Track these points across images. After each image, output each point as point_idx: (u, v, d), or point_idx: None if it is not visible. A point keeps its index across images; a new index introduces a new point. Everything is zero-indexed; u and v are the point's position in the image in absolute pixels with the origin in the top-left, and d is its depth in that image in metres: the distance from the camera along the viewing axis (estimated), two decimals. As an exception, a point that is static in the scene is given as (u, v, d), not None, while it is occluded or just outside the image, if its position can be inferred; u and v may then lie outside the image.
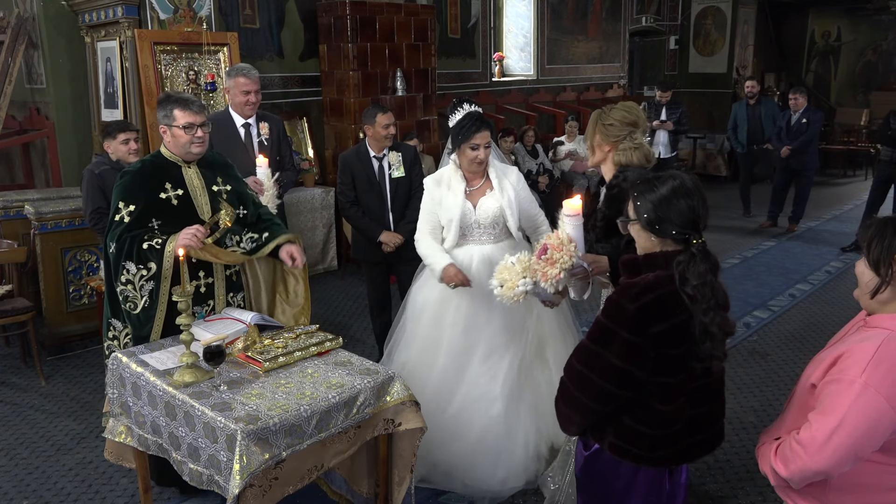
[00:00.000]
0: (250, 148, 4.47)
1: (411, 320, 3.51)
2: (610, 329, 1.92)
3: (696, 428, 2.03)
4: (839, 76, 13.51)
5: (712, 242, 7.11)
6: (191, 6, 5.78)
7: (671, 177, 1.97)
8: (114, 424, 2.85)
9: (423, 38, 7.35)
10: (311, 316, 3.36)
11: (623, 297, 1.92)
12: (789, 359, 4.80)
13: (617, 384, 1.93)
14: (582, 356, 2.00)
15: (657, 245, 1.98)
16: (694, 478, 3.48)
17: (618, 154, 2.83)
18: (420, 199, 4.49)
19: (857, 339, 1.89)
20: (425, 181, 3.48)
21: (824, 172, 11.61)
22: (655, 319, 1.88)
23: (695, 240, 1.91)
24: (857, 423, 1.76)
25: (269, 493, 2.34)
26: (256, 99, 4.43)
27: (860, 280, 1.91)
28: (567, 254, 2.45)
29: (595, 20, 10.80)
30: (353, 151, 4.47)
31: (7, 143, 6.19)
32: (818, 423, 1.82)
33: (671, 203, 1.92)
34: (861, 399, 1.76)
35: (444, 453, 3.28)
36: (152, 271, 2.94)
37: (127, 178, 3.05)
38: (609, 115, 2.88)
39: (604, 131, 2.86)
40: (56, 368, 4.80)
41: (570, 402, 2.04)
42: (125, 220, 2.96)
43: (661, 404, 1.96)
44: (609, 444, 2.05)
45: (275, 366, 2.64)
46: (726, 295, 1.97)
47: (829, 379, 1.86)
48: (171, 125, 3.02)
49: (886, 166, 7.31)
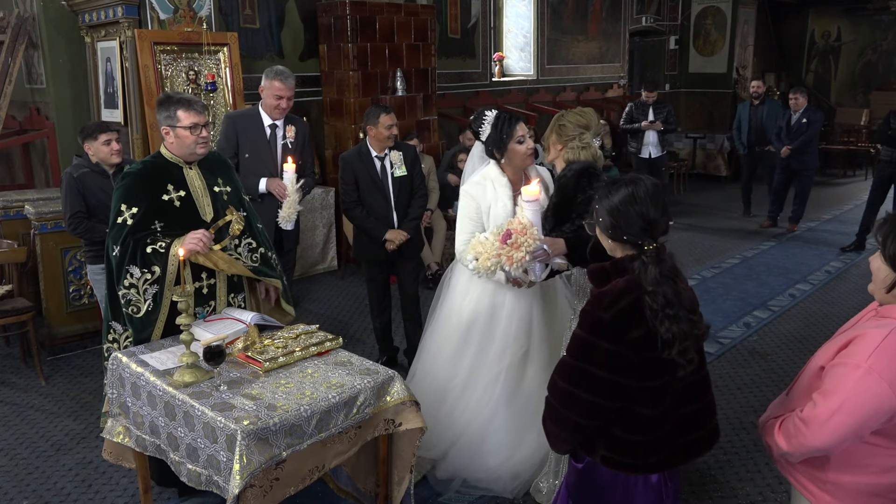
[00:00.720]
0: (274, 148, 4.46)
1: (457, 334, 3.35)
2: (590, 342, 1.91)
3: (686, 427, 2.02)
4: (839, 76, 13.51)
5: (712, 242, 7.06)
6: (191, 6, 5.78)
7: (626, 182, 1.99)
8: (112, 425, 2.85)
9: (423, 38, 7.35)
10: (311, 316, 3.36)
11: (597, 307, 1.91)
12: (789, 359, 4.80)
13: (607, 397, 1.91)
14: (566, 374, 1.97)
15: (618, 248, 2.02)
16: (694, 477, 3.48)
17: (567, 152, 3.05)
18: (421, 196, 4.52)
19: (869, 326, 1.93)
20: (464, 187, 3.28)
21: (824, 172, 11.61)
22: (633, 325, 1.88)
23: (647, 245, 1.92)
24: (858, 406, 1.82)
25: (269, 494, 2.34)
26: (288, 105, 4.42)
27: (876, 275, 1.95)
28: (531, 237, 2.66)
29: (595, 20, 10.80)
30: (354, 152, 4.45)
31: (7, 143, 6.19)
32: (821, 402, 1.89)
33: (622, 209, 1.95)
34: (864, 383, 1.82)
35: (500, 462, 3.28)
36: (156, 275, 2.93)
37: (128, 179, 3.03)
38: (565, 117, 3.10)
39: (558, 131, 3.10)
40: (56, 368, 4.80)
41: (559, 421, 2.01)
42: (128, 223, 2.94)
43: (648, 409, 1.94)
44: (601, 457, 2.02)
45: (275, 366, 2.64)
46: (693, 298, 1.97)
47: (836, 362, 1.92)
48: (175, 126, 3.00)
49: (886, 166, 7.31)
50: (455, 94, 8.75)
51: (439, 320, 3.45)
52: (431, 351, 3.47)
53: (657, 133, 8.39)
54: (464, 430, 3.31)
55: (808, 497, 2.05)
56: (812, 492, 2.03)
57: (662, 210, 1.96)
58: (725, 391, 4.37)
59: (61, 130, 5.96)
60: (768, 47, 13.55)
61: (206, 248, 2.92)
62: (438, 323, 3.46)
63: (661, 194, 1.98)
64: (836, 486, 1.97)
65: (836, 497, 1.97)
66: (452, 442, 3.33)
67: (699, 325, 1.95)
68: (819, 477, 2.00)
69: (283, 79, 4.36)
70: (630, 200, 1.94)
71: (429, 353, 3.49)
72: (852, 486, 1.95)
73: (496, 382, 3.26)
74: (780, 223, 8.52)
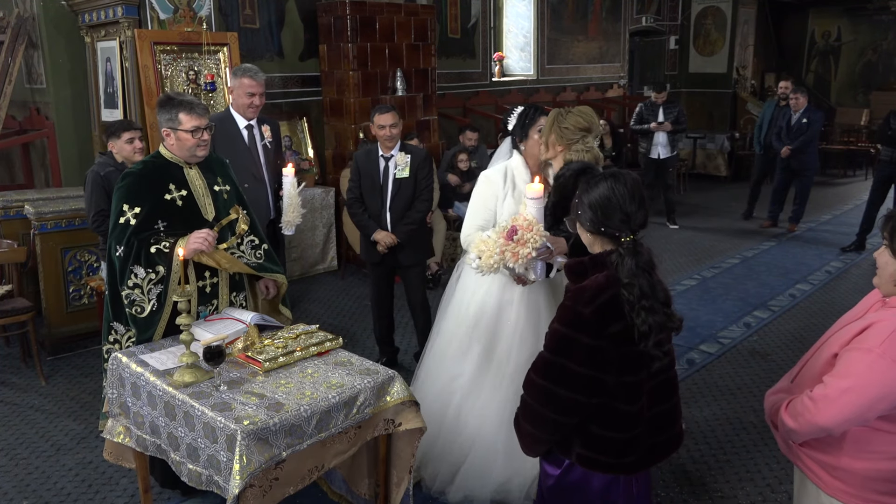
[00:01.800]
0: (255, 151, 4.42)
1: (462, 332, 3.33)
2: (569, 337, 1.91)
3: (657, 427, 2.03)
4: (839, 76, 13.51)
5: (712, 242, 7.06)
6: (191, 6, 5.78)
7: (606, 176, 2.01)
8: (112, 424, 2.85)
9: (423, 38, 7.35)
10: (311, 316, 3.36)
11: (577, 302, 1.92)
12: (789, 359, 4.80)
13: (586, 393, 1.91)
14: (543, 370, 1.97)
15: (597, 242, 2.03)
16: (694, 478, 3.48)
17: (570, 154, 3.03)
18: (423, 201, 4.46)
19: (883, 314, 1.97)
20: (485, 172, 3.29)
21: (824, 172, 11.61)
22: (612, 319, 1.89)
23: (624, 237, 1.94)
24: (868, 387, 1.87)
25: (269, 494, 2.34)
26: (260, 102, 4.35)
27: (884, 269, 1.98)
28: (537, 234, 2.63)
29: (595, 20, 10.80)
30: (365, 150, 4.52)
31: (7, 143, 6.19)
32: (832, 383, 1.94)
33: (602, 203, 1.97)
34: (876, 367, 1.86)
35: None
36: (160, 275, 2.93)
37: (130, 179, 3.02)
38: (566, 119, 3.05)
39: (559, 133, 3.06)
40: (56, 368, 4.80)
41: (535, 420, 2.00)
42: (131, 223, 2.94)
43: (626, 405, 1.95)
44: (577, 455, 2.02)
45: (275, 366, 2.63)
46: (666, 292, 1.98)
47: (850, 346, 1.96)
48: (177, 129, 2.99)
49: (886, 166, 7.31)
50: (455, 94, 8.75)
51: (445, 320, 3.44)
52: (437, 350, 3.46)
53: (667, 134, 8.38)
54: (473, 441, 3.22)
55: (817, 483, 2.08)
56: (822, 478, 2.06)
57: (640, 203, 1.97)
58: (725, 391, 4.37)
59: (61, 130, 5.96)
60: (768, 47, 13.56)
61: (210, 247, 2.92)
62: (444, 322, 3.44)
63: (641, 189, 2.00)
64: (847, 473, 2.00)
65: (846, 483, 2.01)
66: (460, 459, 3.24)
67: (672, 318, 1.96)
68: (830, 463, 2.03)
69: (252, 75, 4.30)
70: (610, 193, 1.97)
71: (434, 352, 3.47)
72: (863, 472, 1.98)
73: (502, 383, 3.18)
74: (780, 223, 8.52)
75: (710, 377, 4.57)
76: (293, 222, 4.02)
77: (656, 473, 3.37)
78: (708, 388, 4.41)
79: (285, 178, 3.96)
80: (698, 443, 3.79)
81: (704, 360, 4.83)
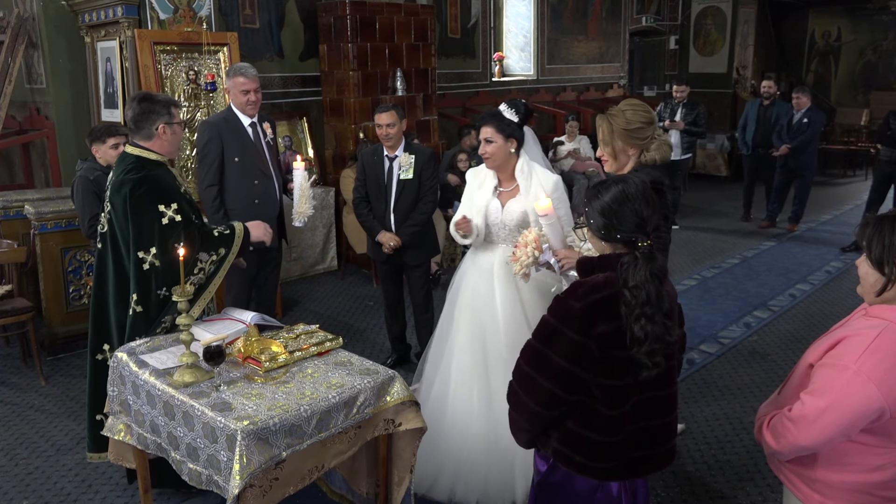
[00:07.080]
0: (261, 148, 4.43)
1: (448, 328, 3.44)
2: (556, 328, 1.92)
3: (642, 442, 2.00)
4: (839, 76, 13.51)
5: (712, 242, 7.05)
6: (191, 6, 5.78)
7: (615, 182, 2.01)
8: (113, 422, 2.85)
9: (423, 38, 7.35)
10: (311, 316, 3.38)
11: (570, 296, 1.93)
12: (789, 359, 4.80)
13: (563, 387, 1.91)
14: (528, 356, 1.99)
15: (608, 249, 2.03)
16: (694, 478, 3.48)
17: (651, 153, 2.91)
18: (427, 202, 4.45)
19: (858, 326, 1.93)
20: (468, 172, 3.56)
21: (824, 172, 11.61)
22: (601, 320, 1.88)
23: (641, 242, 1.93)
24: (845, 407, 1.83)
25: (269, 494, 2.34)
26: (257, 98, 4.36)
27: (865, 280, 1.93)
28: (525, 254, 2.73)
29: (595, 20, 10.80)
30: (372, 149, 4.53)
31: (7, 143, 6.19)
32: (809, 402, 1.90)
33: (615, 208, 1.97)
34: (852, 385, 1.82)
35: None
36: (221, 255, 3.16)
37: (150, 183, 2.97)
38: (628, 118, 2.88)
39: (628, 136, 2.88)
40: (56, 368, 4.80)
41: (518, 406, 2.01)
42: (177, 220, 2.96)
43: (607, 408, 1.93)
44: (553, 450, 2.02)
45: (275, 365, 2.63)
46: (672, 304, 1.96)
47: (824, 362, 1.92)
48: (172, 123, 3.04)
49: (886, 166, 7.32)
50: (455, 94, 8.75)
51: (441, 322, 3.53)
52: (432, 353, 3.53)
53: (681, 134, 8.32)
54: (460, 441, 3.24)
55: (798, 496, 2.06)
56: (802, 490, 2.04)
57: (653, 206, 1.97)
58: (725, 391, 4.37)
59: (61, 130, 5.95)
60: (768, 47, 13.55)
61: (270, 241, 3.41)
62: (440, 326, 3.53)
63: (651, 191, 2.00)
64: (825, 485, 1.97)
65: (825, 496, 1.98)
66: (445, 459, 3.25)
67: (671, 332, 1.92)
68: (808, 475, 2.01)
69: (243, 72, 4.31)
70: (622, 199, 1.96)
71: (430, 355, 3.55)
72: (841, 484, 1.95)
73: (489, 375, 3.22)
74: (779, 223, 8.52)
75: (709, 377, 4.57)
76: (305, 213, 4.05)
77: (656, 474, 3.37)
78: (708, 388, 4.41)
79: (296, 171, 3.98)
80: (698, 443, 3.79)
81: (704, 360, 4.83)
